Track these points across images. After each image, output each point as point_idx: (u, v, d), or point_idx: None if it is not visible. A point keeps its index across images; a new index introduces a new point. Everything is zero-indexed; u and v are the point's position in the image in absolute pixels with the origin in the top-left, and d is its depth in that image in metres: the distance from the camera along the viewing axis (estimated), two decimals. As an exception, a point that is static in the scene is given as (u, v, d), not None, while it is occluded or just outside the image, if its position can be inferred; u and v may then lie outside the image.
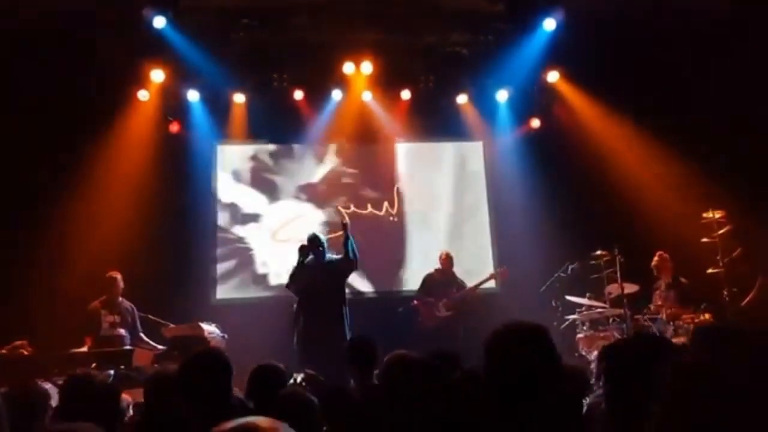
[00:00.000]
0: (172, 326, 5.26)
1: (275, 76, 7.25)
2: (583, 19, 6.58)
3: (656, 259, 5.84)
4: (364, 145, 7.78)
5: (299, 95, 7.29)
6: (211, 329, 5.31)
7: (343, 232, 5.64)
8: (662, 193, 6.49)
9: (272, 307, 6.55)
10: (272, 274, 7.29)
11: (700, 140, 6.12)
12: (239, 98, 7.25)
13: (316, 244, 5.53)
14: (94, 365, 4.31)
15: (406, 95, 7.40)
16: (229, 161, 7.61)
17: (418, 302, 6.55)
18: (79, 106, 6.33)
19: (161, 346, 5.19)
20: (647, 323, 5.45)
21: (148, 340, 5.35)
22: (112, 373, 4.37)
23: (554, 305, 6.12)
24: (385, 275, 7.45)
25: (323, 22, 6.90)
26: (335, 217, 7.35)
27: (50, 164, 6.36)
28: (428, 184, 7.79)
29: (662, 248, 5.94)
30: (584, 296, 5.92)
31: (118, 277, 5.39)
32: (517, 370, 1.42)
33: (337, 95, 7.39)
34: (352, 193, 7.68)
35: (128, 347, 5.00)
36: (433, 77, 7.43)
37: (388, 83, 7.32)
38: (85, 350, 4.86)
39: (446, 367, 2.46)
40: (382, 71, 7.13)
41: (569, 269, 6.22)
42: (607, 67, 6.64)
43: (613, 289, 5.73)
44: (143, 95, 6.87)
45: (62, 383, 2.40)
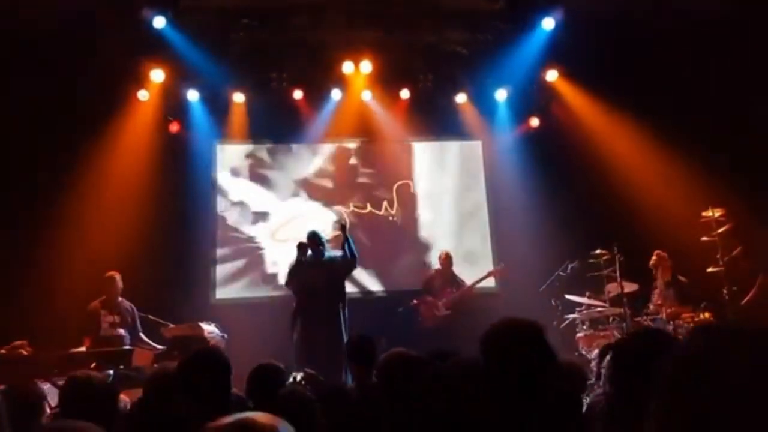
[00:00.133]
0: (171, 326, 5.25)
1: (275, 75, 7.25)
2: (582, 18, 6.58)
3: (654, 258, 5.84)
4: (362, 144, 7.78)
5: (299, 95, 7.30)
6: (210, 329, 5.31)
7: (341, 232, 5.64)
8: (662, 191, 6.48)
9: (272, 306, 6.55)
10: (281, 274, 7.27)
11: (699, 139, 6.11)
12: (239, 98, 7.25)
13: (315, 241, 5.52)
14: (93, 365, 4.31)
15: (405, 94, 7.41)
16: (228, 160, 7.61)
17: (417, 302, 6.56)
18: (78, 106, 6.33)
19: (161, 346, 5.19)
20: (647, 323, 5.45)
21: (148, 340, 5.34)
22: (111, 373, 4.37)
23: (554, 304, 6.11)
24: (384, 275, 7.44)
25: (323, 21, 6.91)
26: (336, 216, 7.35)
27: (50, 164, 6.36)
28: (427, 183, 7.79)
29: (662, 247, 5.94)
30: (584, 295, 5.92)
31: (117, 277, 5.38)
32: (513, 366, 1.42)
33: (336, 95, 7.39)
34: (351, 192, 7.67)
35: (128, 347, 4.99)
36: (432, 76, 7.43)
37: (387, 82, 7.33)
38: (84, 350, 4.85)
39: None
40: (381, 70, 7.14)
41: (569, 268, 6.23)
42: (605, 65, 6.64)
43: (612, 288, 5.73)
44: (143, 95, 6.88)
45: (62, 384, 2.39)
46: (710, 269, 5.57)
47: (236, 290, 7.25)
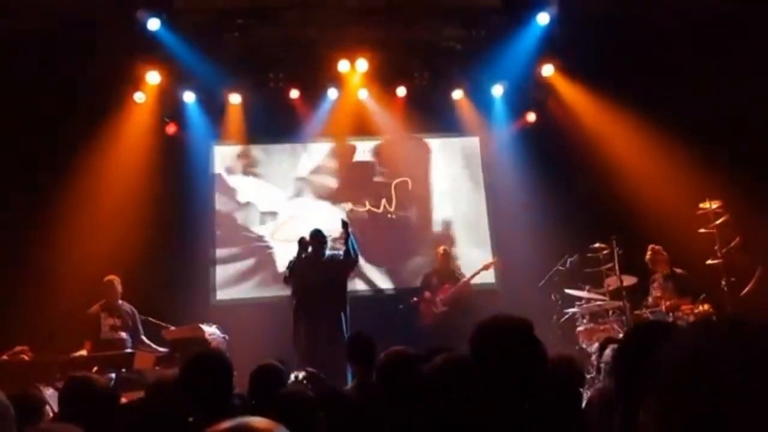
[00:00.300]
0: (172, 328, 5.26)
1: (271, 75, 7.24)
2: (577, 12, 6.57)
3: (649, 253, 5.81)
4: (360, 142, 7.78)
5: (295, 94, 7.29)
6: (211, 330, 5.30)
7: (344, 230, 5.62)
8: (659, 184, 6.49)
9: (272, 307, 6.56)
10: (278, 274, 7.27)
11: (696, 131, 6.11)
12: (235, 98, 7.24)
13: (318, 239, 5.50)
14: (95, 369, 4.31)
15: (401, 92, 7.40)
16: (226, 161, 7.60)
17: (417, 300, 6.56)
18: (75, 109, 6.32)
19: (162, 348, 5.19)
20: (647, 315, 5.46)
21: (149, 342, 5.34)
22: (113, 376, 4.38)
23: (554, 299, 6.13)
24: (382, 273, 7.45)
25: (317, 19, 6.89)
26: (336, 214, 7.33)
27: (48, 167, 6.35)
28: (425, 180, 7.79)
29: (660, 240, 5.93)
30: (583, 289, 5.92)
31: (116, 280, 5.38)
32: (502, 363, 1.43)
33: (333, 93, 7.38)
34: (350, 190, 7.67)
35: (129, 350, 5.00)
36: (427, 73, 7.43)
37: (383, 80, 7.32)
38: (85, 354, 4.85)
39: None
40: (377, 68, 7.12)
41: (568, 262, 6.23)
42: (601, 59, 6.63)
43: (612, 281, 5.73)
44: (139, 97, 6.87)
45: (62, 386, 2.39)
46: (709, 261, 5.58)
47: (239, 291, 7.22)
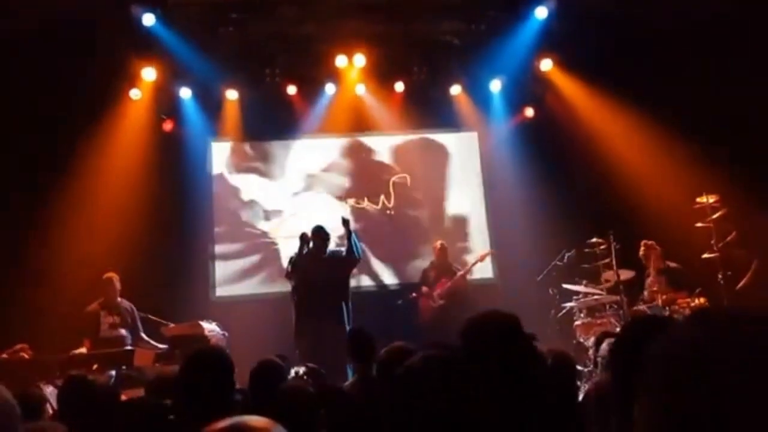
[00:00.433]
0: (171, 325, 5.26)
1: (267, 71, 7.21)
2: (575, 7, 6.57)
3: (642, 249, 5.81)
4: (358, 137, 7.77)
5: (292, 90, 7.27)
6: (211, 327, 5.31)
7: (345, 228, 5.61)
8: (656, 178, 6.50)
9: (272, 303, 6.57)
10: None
11: (693, 126, 6.12)
12: (232, 94, 7.22)
13: (320, 236, 5.49)
14: (95, 366, 4.32)
15: (399, 87, 7.39)
16: (226, 158, 7.59)
17: (416, 295, 6.58)
18: (72, 106, 6.29)
19: (162, 345, 5.20)
20: (644, 309, 5.48)
21: (149, 339, 5.35)
22: (113, 373, 4.39)
23: (551, 293, 6.15)
24: (382, 268, 7.46)
25: (314, 14, 6.86)
26: (338, 210, 7.33)
27: (46, 165, 6.33)
28: (424, 175, 7.79)
29: (657, 234, 5.95)
30: (581, 283, 5.95)
31: (114, 278, 5.37)
32: (491, 358, 1.44)
33: (330, 89, 7.36)
34: (348, 186, 7.67)
35: (129, 347, 5.00)
36: (426, 68, 7.42)
37: (381, 75, 7.30)
38: (85, 352, 4.86)
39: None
40: (374, 63, 7.11)
41: (565, 257, 6.25)
42: (599, 54, 6.63)
43: (609, 275, 5.75)
44: (135, 94, 6.84)
45: (60, 386, 2.40)
46: (705, 255, 5.60)
47: (239, 288, 7.22)
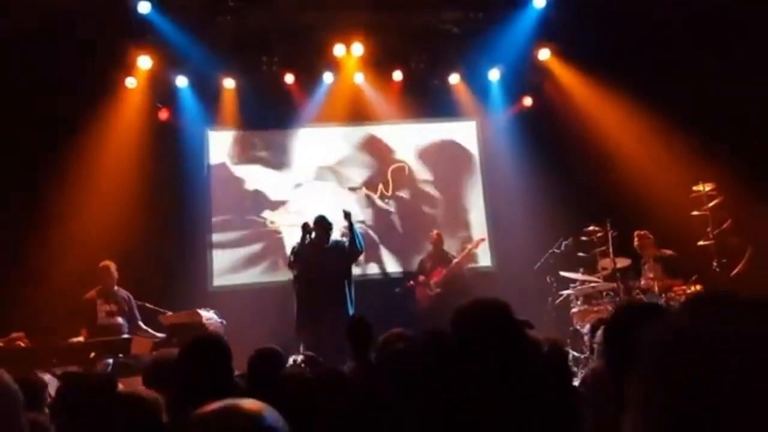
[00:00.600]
0: (169, 314, 5.27)
1: (265, 59, 7.17)
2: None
3: (636, 240, 5.82)
4: (356, 127, 7.75)
5: (290, 78, 7.23)
6: (209, 315, 5.33)
7: (346, 220, 5.61)
8: (653, 166, 6.51)
9: (272, 292, 6.58)
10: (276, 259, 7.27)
11: (690, 114, 6.11)
12: (229, 83, 7.18)
13: (323, 226, 5.49)
14: (92, 355, 4.33)
15: (397, 76, 7.35)
16: (226, 147, 7.55)
17: (413, 282, 6.61)
18: (69, 98, 6.24)
19: (160, 334, 5.21)
20: (640, 297, 5.51)
21: (146, 328, 5.36)
22: (110, 362, 4.40)
23: (549, 281, 6.18)
24: (380, 257, 7.48)
25: (311, 3, 6.80)
26: (341, 197, 7.31)
27: (42, 154, 6.30)
28: (422, 164, 7.78)
29: (654, 222, 5.97)
30: (578, 271, 5.97)
31: (111, 266, 5.37)
32: (482, 345, 1.46)
33: (328, 78, 7.32)
34: (345, 174, 7.66)
35: (126, 336, 5.02)
36: (424, 57, 7.38)
37: (379, 64, 7.26)
38: (82, 340, 4.87)
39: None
40: (372, 52, 7.07)
41: (563, 245, 6.27)
42: (596, 43, 6.60)
43: (606, 263, 5.78)
44: (131, 83, 6.80)
45: (58, 386, 2.39)
46: (701, 242, 5.62)
47: (238, 277, 7.21)
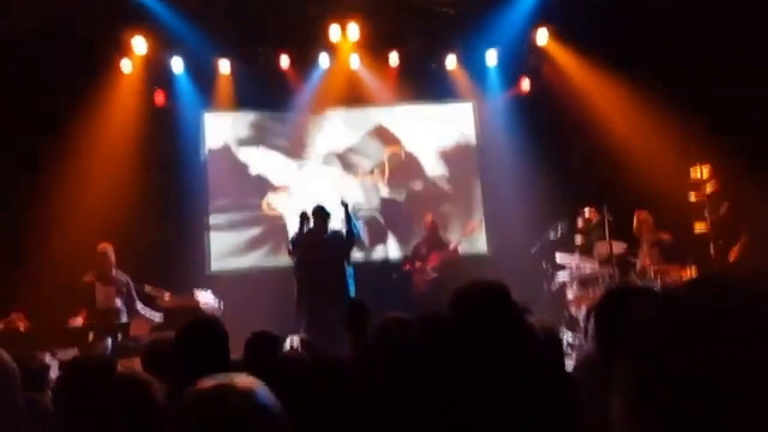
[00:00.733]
0: (167, 297, 5.30)
1: (260, 42, 7.10)
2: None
3: (635, 223, 5.76)
4: (353, 110, 7.71)
5: (285, 61, 7.17)
6: (206, 298, 5.36)
7: (344, 209, 5.62)
8: (651, 150, 6.49)
9: (270, 276, 6.61)
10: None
11: (689, 98, 6.09)
12: (225, 66, 7.12)
13: (321, 215, 5.51)
14: (91, 337, 4.36)
15: (394, 58, 7.30)
16: (218, 129, 7.52)
17: (409, 267, 6.64)
18: (62, 79, 6.19)
19: (158, 312, 5.24)
20: (636, 281, 5.54)
21: (144, 311, 5.39)
22: (109, 344, 4.43)
23: (545, 266, 6.20)
24: (378, 243, 7.50)
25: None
26: (340, 182, 7.30)
27: (38, 137, 6.27)
28: (418, 147, 7.76)
29: (652, 206, 5.95)
30: (574, 253, 5.99)
31: (109, 249, 5.37)
32: (478, 322, 1.46)
33: (324, 60, 7.27)
34: (344, 159, 7.64)
35: (124, 320, 5.04)
36: (421, 39, 7.32)
37: (375, 47, 7.20)
38: (81, 322, 4.90)
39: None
40: (369, 34, 7.00)
41: (559, 230, 6.28)
42: (594, 25, 6.54)
43: (602, 248, 5.79)
44: (126, 66, 6.74)
45: (58, 375, 2.41)
46: (698, 226, 5.63)
47: (236, 261, 7.23)
